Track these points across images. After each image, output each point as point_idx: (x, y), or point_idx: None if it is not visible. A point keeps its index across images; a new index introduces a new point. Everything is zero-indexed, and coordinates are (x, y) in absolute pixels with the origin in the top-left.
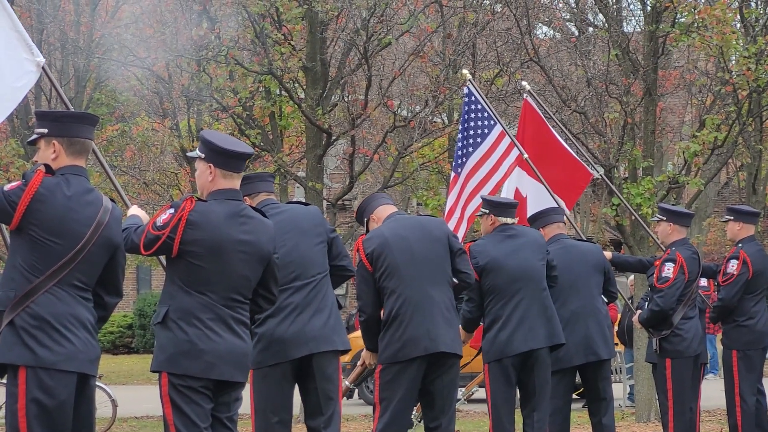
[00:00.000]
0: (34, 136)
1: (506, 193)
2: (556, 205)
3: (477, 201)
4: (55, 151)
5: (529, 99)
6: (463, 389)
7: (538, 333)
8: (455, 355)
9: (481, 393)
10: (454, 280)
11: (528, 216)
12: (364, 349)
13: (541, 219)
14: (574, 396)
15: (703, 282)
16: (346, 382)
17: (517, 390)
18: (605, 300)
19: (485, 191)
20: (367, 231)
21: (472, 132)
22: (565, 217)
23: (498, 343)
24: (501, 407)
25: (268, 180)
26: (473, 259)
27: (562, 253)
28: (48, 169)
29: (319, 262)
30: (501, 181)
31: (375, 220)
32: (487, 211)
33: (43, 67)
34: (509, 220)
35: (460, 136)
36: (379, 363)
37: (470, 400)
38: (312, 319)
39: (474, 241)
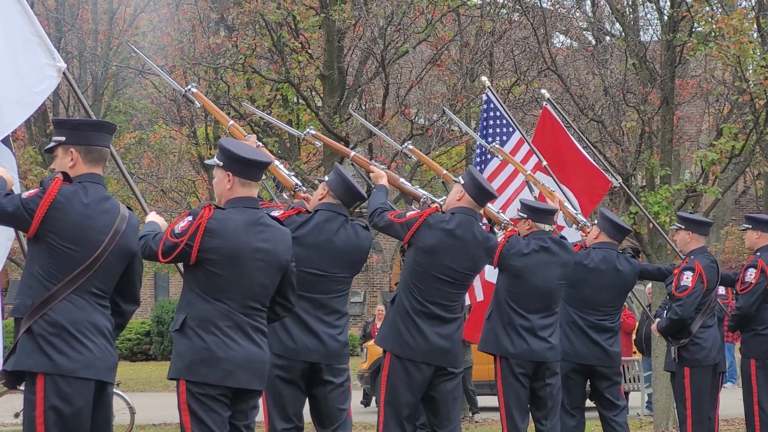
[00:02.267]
0: (52, 144)
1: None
2: None
3: (494, 208)
4: (72, 158)
5: (549, 107)
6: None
7: (544, 347)
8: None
9: (493, 400)
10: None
11: None
12: None
13: None
14: (589, 404)
15: (722, 291)
16: None
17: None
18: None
19: (503, 198)
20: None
21: (490, 139)
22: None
23: (506, 345)
24: (513, 406)
25: None
26: (509, 248)
27: (603, 268)
28: (65, 176)
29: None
30: (520, 188)
31: (460, 192)
32: (525, 215)
33: (63, 73)
34: (547, 227)
35: (479, 143)
36: (388, 350)
37: (483, 408)
38: (327, 330)
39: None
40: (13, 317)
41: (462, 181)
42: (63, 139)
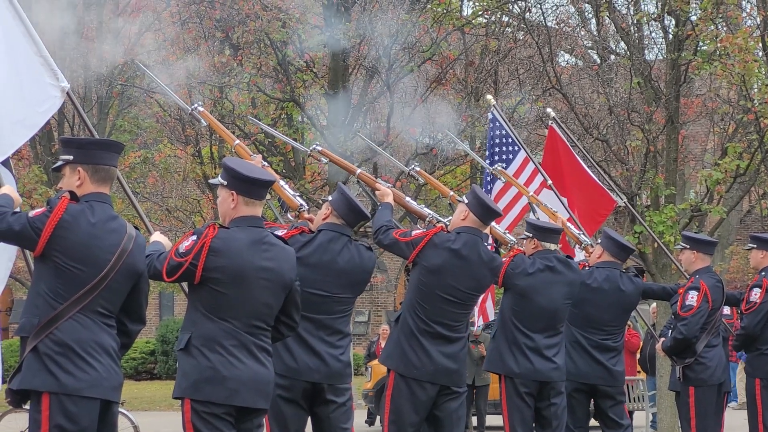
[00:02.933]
0: (59, 163)
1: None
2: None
3: (502, 227)
4: (80, 178)
5: (554, 126)
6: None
7: (549, 367)
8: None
9: (498, 419)
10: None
11: None
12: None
13: None
14: (593, 424)
15: (726, 310)
16: None
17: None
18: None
19: (510, 217)
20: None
21: (497, 158)
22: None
23: (510, 364)
24: (517, 425)
25: None
26: (514, 267)
27: (606, 287)
28: (72, 195)
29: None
30: (526, 207)
31: (464, 212)
32: (531, 235)
33: (67, 93)
34: (552, 246)
35: (487, 161)
36: (392, 369)
37: (489, 428)
38: (329, 350)
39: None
40: (18, 336)
41: (466, 201)
42: (70, 158)
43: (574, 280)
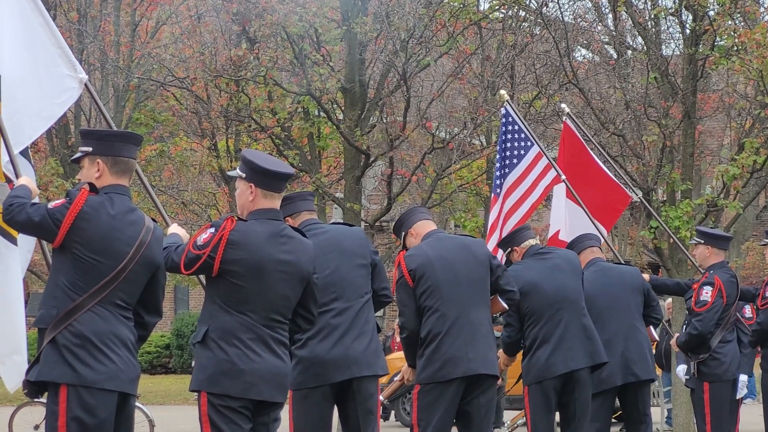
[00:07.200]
0: (79, 154)
1: (558, 212)
2: (591, 230)
3: (513, 222)
4: (99, 169)
5: (569, 121)
6: (508, 422)
7: (579, 353)
8: (494, 376)
9: (512, 415)
10: (503, 304)
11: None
12: (405, 365)
13: (576, 245)
14: (612, 419)
15: (748, 313)
16: (381, 397)
17: (557, 413)
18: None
19: (521, 212)
20: (404, 245)
21: (508, 153)
22: (602, 240)
23: (538, 365)
24: (541, 430)
25: (308, 199)
26: (517, 280)
27: (600, 275)
28: (92, 187)
29: (362, 285)
30: (537, 201)
31: (413, 234)
32: (509, 249)
33: (85, 84)
34: (531, 241)
35: (498, 157)
36: (418, 382)
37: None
38: (354, 342)
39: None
40: (36, 328)
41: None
42: (90, 149)
43: (570, 258)
